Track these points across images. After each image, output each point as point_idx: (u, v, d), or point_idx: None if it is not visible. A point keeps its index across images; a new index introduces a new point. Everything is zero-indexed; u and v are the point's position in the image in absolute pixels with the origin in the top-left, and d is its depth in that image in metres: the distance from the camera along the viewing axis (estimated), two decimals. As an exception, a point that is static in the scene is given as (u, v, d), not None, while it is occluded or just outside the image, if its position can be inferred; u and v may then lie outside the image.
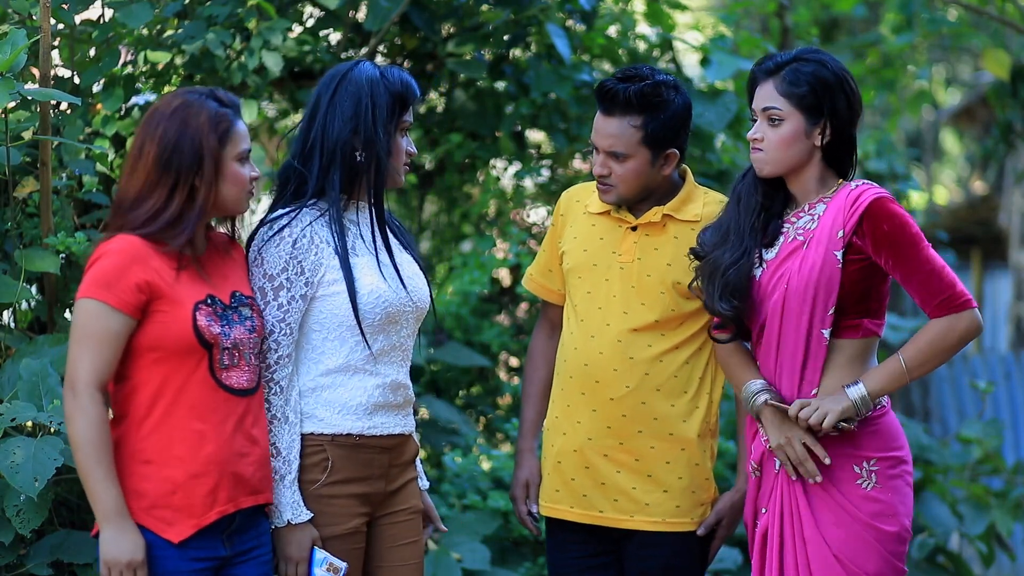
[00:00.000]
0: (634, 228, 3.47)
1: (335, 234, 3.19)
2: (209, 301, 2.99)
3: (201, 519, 2.95)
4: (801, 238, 3.24)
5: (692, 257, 3.38)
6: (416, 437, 3.42)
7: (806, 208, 3.26)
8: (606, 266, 3.48)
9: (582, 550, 3.52)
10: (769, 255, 3.28)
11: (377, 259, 3.24)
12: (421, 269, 3.37)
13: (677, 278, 3.43)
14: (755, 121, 3.28)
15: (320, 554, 3.15)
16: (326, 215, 3.22)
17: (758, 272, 3.28)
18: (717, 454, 5.91)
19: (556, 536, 3.56)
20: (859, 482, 3.20)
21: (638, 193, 3.45)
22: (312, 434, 3.20)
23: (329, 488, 3.20)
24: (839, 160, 3.27)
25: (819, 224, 3.22)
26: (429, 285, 3.38)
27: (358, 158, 3.21)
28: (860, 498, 3.20)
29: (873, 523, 3.18)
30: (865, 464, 3.21)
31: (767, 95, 3.24)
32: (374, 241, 3.24)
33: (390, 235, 3.33)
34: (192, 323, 2.95)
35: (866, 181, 3.26)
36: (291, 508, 3.13)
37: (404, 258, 3.33)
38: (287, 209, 3.22)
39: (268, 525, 3.13)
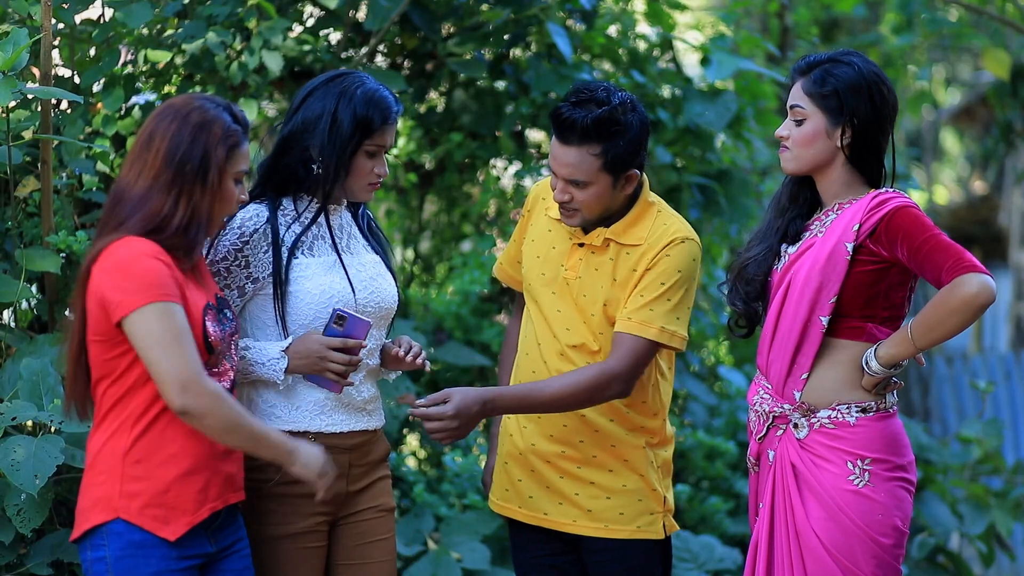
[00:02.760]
0: (581, 244, 3.45)
1: (274, 233, 3.21)
2: (209, 305, 3.00)
3: (194, 516, 2.95)
4: (821, 235, 3.26)
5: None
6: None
7: (834, 208, 3.28)
8: (552, 278, 3.47)
9: (542, 549, 3.54)
10: (791, 250, 3.31)
11: (340, 258, 3.24)
12: (390, 271, 3.37)
13: (606, 299, 3.41)
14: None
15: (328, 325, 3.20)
16: (288, 214, 3.26)
17: (778, 266, 3.31)
18: (718, 454, 5.94)
19: (518, 536, 3.59)
20: (851, 478, 3.20)
21: (602, 214, 3.41)
22: None
23: (283, 487, 3.20)
24: (866, 165, 3.28)
25: (837, 218, 3.24)
26: (397, 286, 3.39)
27: (315, 169, 3.23)
28: (848, 494, 3.20)
29: (863, 521, 3.18)
30: (859, 462, 3.21)
31: (795, 94, 3.30)
32: (333, 246, 3.25)
33: (357, 236, 3.35)
34: (203, 328, 2.95)
35: (895, 190, 3.26)
36: (272, 364, 3.19)
37: (368, 259, 3.33)
38: (250, 203, 3.25)
39: (242, 519, 3.14)
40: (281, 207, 3.26)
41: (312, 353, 3.18)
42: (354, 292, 3.24)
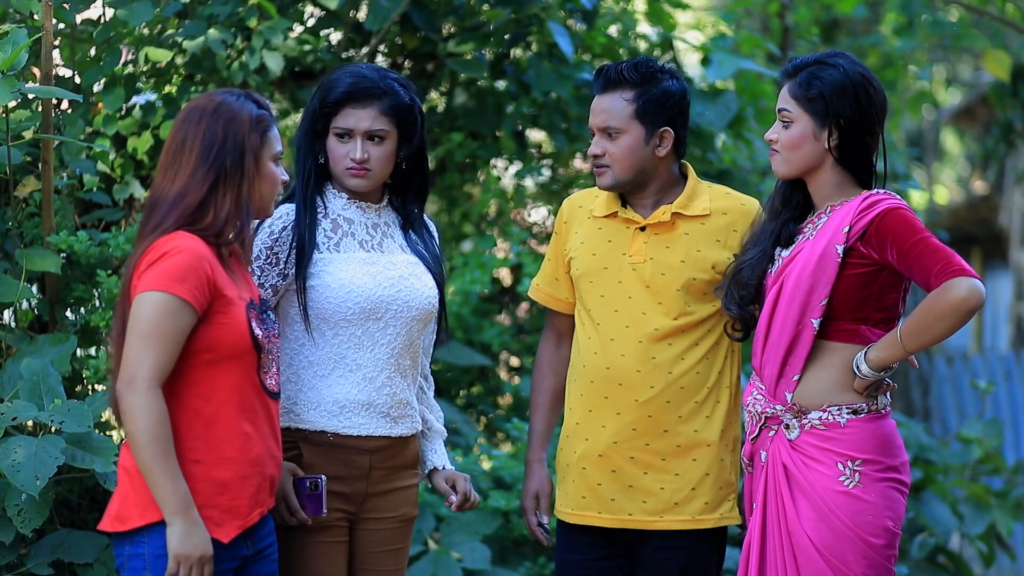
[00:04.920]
0: (643, 228, 3.47)
1: (300, 230, 3.24)
2: (252, 304, 3.00)
3: (246, 520, 2.95)
4: (812, 237, 3.27)
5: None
6: (431, 443, 3.42)
7: (826, 210, 3.29)
8: (617, 268, 3.46)
9: (594, 552, 3.50)
10: (784, 253, 3.31)
11: (299, 256, 3.24)
12: (432, 274, 3.36)
13: (692, 275, 3.42)
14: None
15: (299, 482, 3.18)
16: (319, 211, 3.29)
17: (772, 270, 3.32)
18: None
19: (567, 537, 3.54)
20: (841, 479, 3.20)
21: (634, 175, 3.43)
22: (287, 428, 3.22)
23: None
24: (855, 166, 3.28)
25: (828, 220, 3.25)
26: (441, 290, 3.37)
27: (318, 159, 3.29)
28: (838, 495, 3.20)
29: (852, 522, 3.18)
30: (849, 463, 3.21)
31: (782, 97, 3.31)
32: (303, 240, 3.25)
33: (395, 236, 3.36)
34: (248, 325, 2.95)
35: (886, 191, 3.26)
36: None
37: (400, 258, 3.33)
38: (282, 204, 3.30)
39: (273, 523, 3.13)
40: (318, 205, 3.29)
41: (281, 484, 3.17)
42: (394, 289, 3.26)
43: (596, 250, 3.49)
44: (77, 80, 4.28)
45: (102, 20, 4.38)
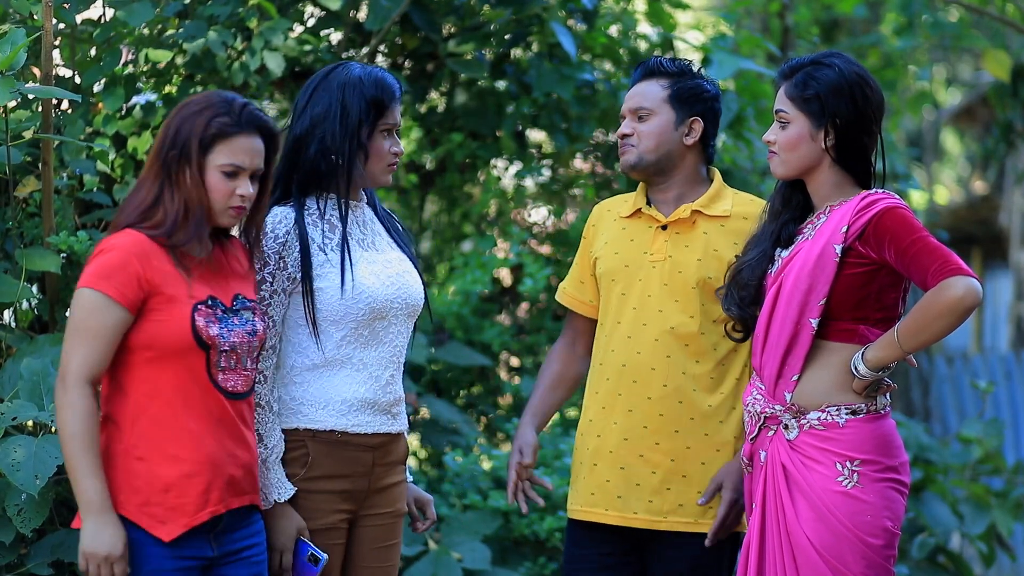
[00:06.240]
0: (664, 227, 3.50)
1: (301, 232, 3.23)
2: (210, 302, 2.98)
3: (193, 518, 2.94)
4: (811, 238, 3.27)
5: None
6: (408, 437, 3.44)
7: (825, 210, 3.30)
8: (638, 266, 3.50)
9: (602, 549, 3.51)
10: (784, 254, 3.32)
11: (341, 257, 3.25)
12: (415, 267, 3.39)
13: (708, 274, 3.45)
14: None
15: (303, 545, 3.18)
16: (313, 213, 3.28)
17: (772, 270, 3.32)
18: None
19: (576, 533, 3.56)
20: (839, 479, 3.20)
21: (658, 157, 3.48)
22: (296, 429, 3.23)
23: (308, 483, 3.22)
24: (853, 166, 3.29)
25: (827, 220, 3.25)
26: (424, 284, 3.40)
27: (336, 161, 3.26)
28: (837, 495, 3.20)
29: (851, 522, 3.19)
30: (848, 464, 3.21)
31: (779, 98, 3.32)
32: (342, 242, 3.26)
33: (382, 233, 3.37)
34: (191, 323, 2.94)
35: (884, 190, 3.27)
36: (276, 488, 3.16)
37: (393, 256, 3.35)
38: (275, 207, 3.27)
39: (262, 525, 3.13)
40: (306, 207, 3.28)
41: (285, 537, 3.18)
42: (394, 287, 3.28)
43: (619, 249, 3.54)
44: (77, 80, 4.28)
45: (102, 20, 4.38)
